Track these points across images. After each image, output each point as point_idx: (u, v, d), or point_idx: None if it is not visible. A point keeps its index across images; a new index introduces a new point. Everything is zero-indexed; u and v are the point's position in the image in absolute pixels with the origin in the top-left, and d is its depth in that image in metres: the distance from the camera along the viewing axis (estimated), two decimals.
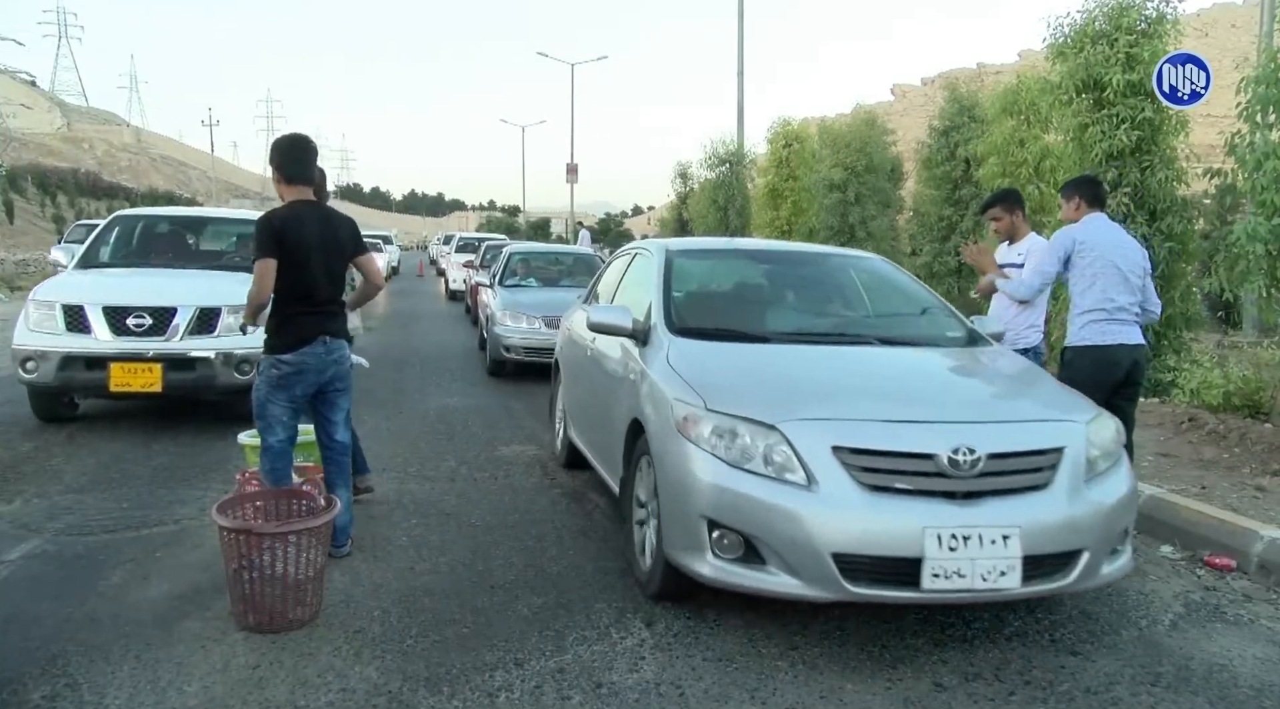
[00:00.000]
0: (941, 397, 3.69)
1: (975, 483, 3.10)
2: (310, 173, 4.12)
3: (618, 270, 5.77)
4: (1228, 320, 13.50)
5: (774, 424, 3.21)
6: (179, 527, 4.58)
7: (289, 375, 3.95)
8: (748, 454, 3.20)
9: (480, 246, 18.88)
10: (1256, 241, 6.02)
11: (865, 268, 5.20)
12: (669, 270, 4.69)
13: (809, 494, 3.07)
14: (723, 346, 4.00)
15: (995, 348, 4.42)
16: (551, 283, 11.47)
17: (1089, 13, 8.23)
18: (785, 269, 5.25)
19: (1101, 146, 7.87)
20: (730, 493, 3.16)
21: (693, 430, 3.34)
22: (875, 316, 4.88)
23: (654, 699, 2.99)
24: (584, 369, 5.37)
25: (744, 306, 4.85)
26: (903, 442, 3.16)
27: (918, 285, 5.08)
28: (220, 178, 77.70)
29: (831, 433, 3.17)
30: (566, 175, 36.87)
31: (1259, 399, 6.64)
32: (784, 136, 19.55)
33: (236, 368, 6.44)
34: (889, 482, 3.09)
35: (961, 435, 3.16)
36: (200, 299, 6.54)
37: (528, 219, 68.09)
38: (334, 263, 4.10)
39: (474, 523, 4.78)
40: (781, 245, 6.57)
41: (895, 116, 44.04)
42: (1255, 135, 6.30)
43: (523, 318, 9.55)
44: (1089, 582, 3.29)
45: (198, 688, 2.98)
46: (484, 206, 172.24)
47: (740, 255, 5.57)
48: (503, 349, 9.52)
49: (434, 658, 3.24)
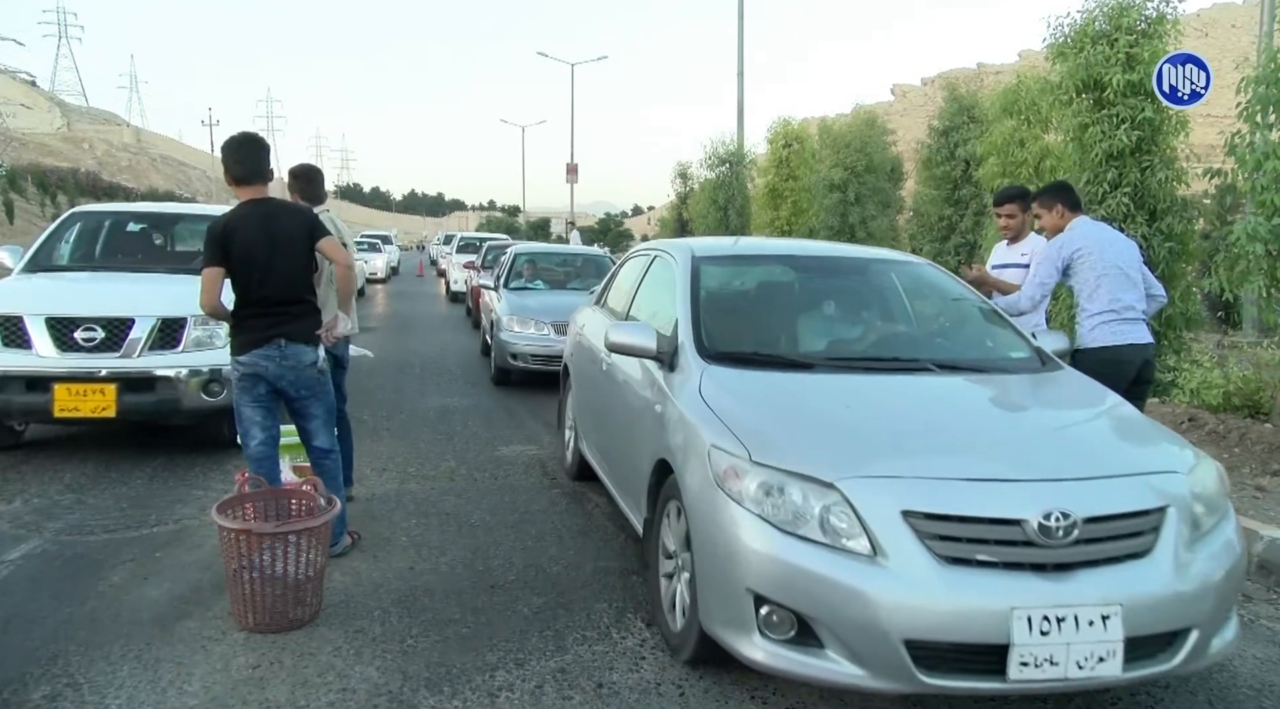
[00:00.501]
0: (1025, 445, 3.10)
1: (1069, 552, 2.64)
2: (259, 171, 3.97)
3: (634, 272, 5.24)
4: (1228, 320, 13.50)
5: (832, 482, 2.73)
6: (179, 527, 4.58)
7: (246, 377, 3.93)
8: (801, 517, 2.72)
9: (482, 247, 18.01)
10: (1256, 241, 6.02)
11: (910, 274, 4.62)
12: (697, 281, 4.14)
13: (875, 568, 2.60)
14: (762, 376, 3.49)
15: (1066, 372, 3.90)
16: (560, 285, 10.88)
17: (1089, 13, 8.22)
18: (825, 278, 4.63)
19: (1101, 147, 7.86)
20: (781, 564, 2.68)
21: (735, 486, 2.86)
22: (927, 334, 4.36)
23: (654, 699, 3.00)
24: (598, 383, 4.87)
25: (782, 324, 4.27)
26: (986, 505, 2.69)
27: (970, 294, 4.49)
28: (220, 178, 77.67)
29: (901, 494, 2.70)
30: (566, 175, 36.87)
31: (1259, 399, 6.64)
32: (784, 136, 19.53)
33: (205, 388, 5.62)
34: (969, 552, 2.62)
35: (1053, 496, 2.70)
36: (163, 308, 5.69)
37: (528, 219, 68.09)
38: (287, 259, 3.95)
39: (474, 523, 4.78)
40: (817, 248, 5.59)
41: (895, 116, 44.05)
42: (1255, 135, 6.29)
43: (531, 324, 8.92)
44: (1197, 663, 2.81)
45: (198, 688, 2.98)
46: (484, 206, 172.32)
47: (774, 261, 4.92)
48: (509, 357, 8.88)
49: (434, 658, 3.24)
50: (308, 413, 4.10)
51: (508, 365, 8.98)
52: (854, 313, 4.42)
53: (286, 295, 3.96)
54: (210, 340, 5.72)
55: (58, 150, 62.52)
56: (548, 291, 10.46)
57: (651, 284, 4.80)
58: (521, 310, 9.17)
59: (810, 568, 2.66)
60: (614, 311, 5.25)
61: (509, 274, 10.81)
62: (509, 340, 8.92)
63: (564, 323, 7.44)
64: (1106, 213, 7.78)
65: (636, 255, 5.51)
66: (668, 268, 4.51)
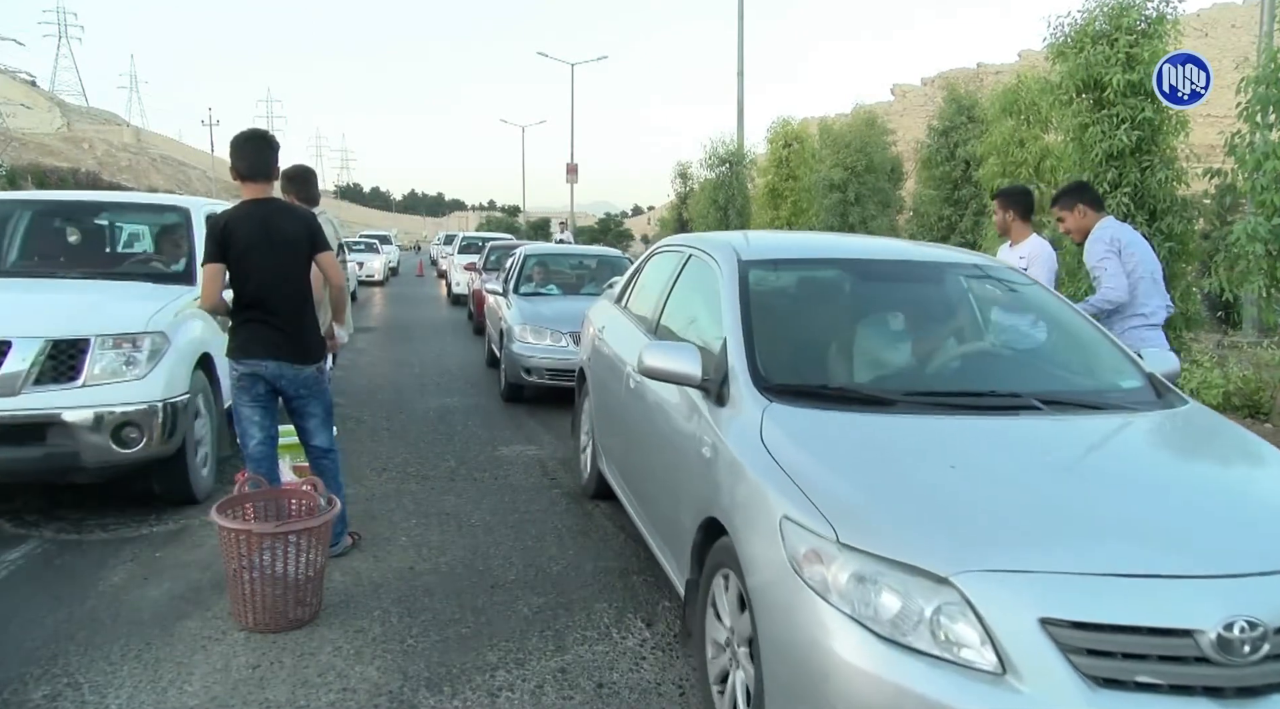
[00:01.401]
0: (1187, 523, 2.39)
1: (1256, 673, 2.03)
2: (265, 168, 3.91)
3: (662, 273, 4.52)
4: (1228, 320, 13.50)
5: (948, 577, 2.10)
6: (179, 527, 4.58)
7: (245, 376, 3.91)
8: (906, 620, 2.10)
9: (485, 247, 16.71)
10: (1256, 241, 6.03)
11: (986, 277, 3.89)
12: (746, 291, 3.41)
13: (1005, 692, 2.00)
14: (837, 419, 2.80)
15: (1195, 409, 3.18)
16: (574, 290, 9.82)
17: (1089, 13, 8.23)
18: (896, 286, 3.86)
19: (1102, 147, 7.87)
20: (881, 683, 2.07)
21: (818, 574, 2.22)
22: (1019, 356, 3.61)
23: (654, 699, 3.00)
24: (624, 401, 4.25)
25: (851, 346, 3.45)
26: (1149, 610, 2.06)
27: (1059, 302, 3.77)
28: (220, 178, 77.70)
29: (1039, 594, 2.08)
30: (566, 175, 36.85)
31: (1259, 399, 6.65)
32: (784, 136, 19.55)
33: (117, 435, 4.25)
34: (1127, 673, 2.02)
35: (1235, 598, 2.08)
36: (55, 327, 4.28)
37: (528, 219, 68.07)
38: (286, 263, 3.87)
39: (474, 523, 4.78)
40: (882, 247, 4.52)
41: (895, 116, 44.07)
42: (1255, 135, 6.30)
43: (546, 333, 7.96)
44: None
45: (198, 688, 2.98)
46: (484, 206, 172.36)
47: (836, 266, 4.00)
48: (522, 371, 7.93)
49: (435, 658, 3.24)
50: (306, 412, 4.08)
51: (521, 381, 8.01)
52: (936, 334, 3.63)
53: (289, 301, 3.90)
54: (124, 368, 4.36)
55: (58, 150, 62.52)
56: (562, 297, 9.46)
57: (686, 290, 4.13)
58: (536, 319, 8.20)
59: (920, 691, 2.04)
60: (640, 318, 4.55)
61: (519, 278, 9.78)
62: (523, 353, 7.95)
63: None
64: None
65: (665, 252, 4.79)
66: (706, 272, 3.80)
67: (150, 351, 4.46)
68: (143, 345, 4.45)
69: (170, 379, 4.51)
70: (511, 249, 13.23)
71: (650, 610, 3.69)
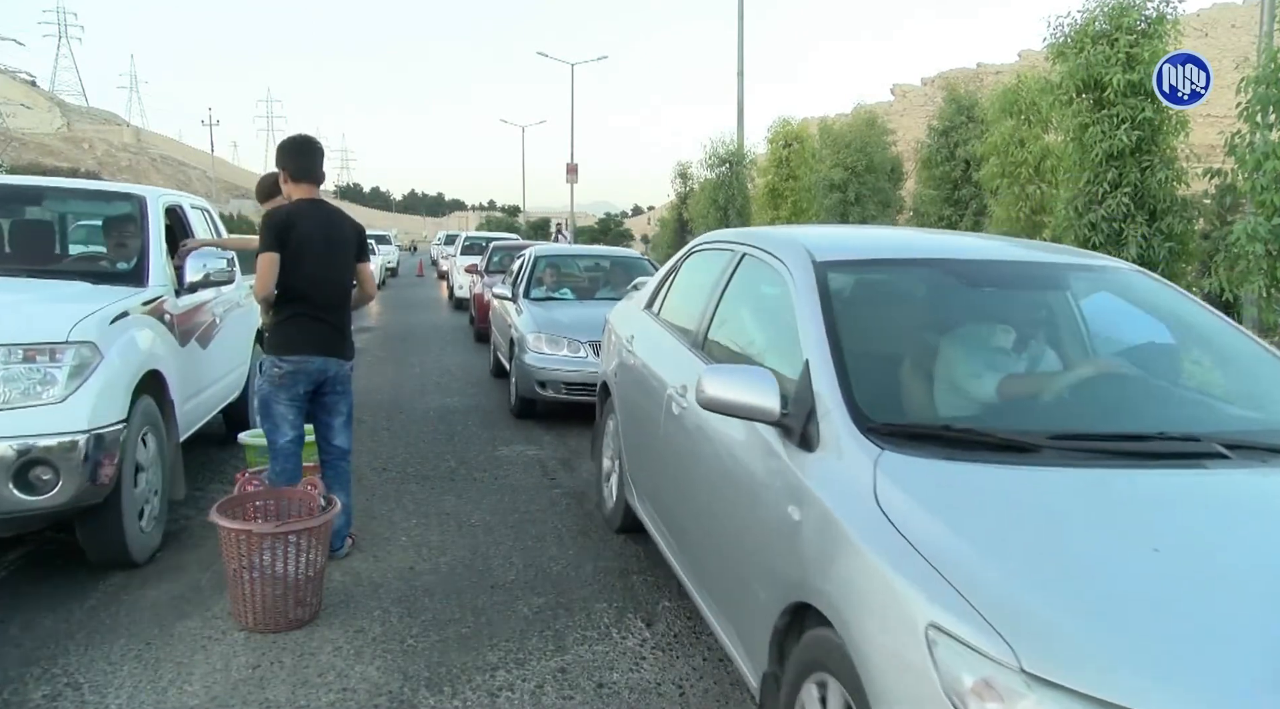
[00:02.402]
0: None
1: None
2: (315, 171, 4.09)
3: (707, 276, 3.79)
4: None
5: None
6: (179, 526, 4.58)
7: (289, 374, 3.93)
8: None
9: (488, 247, 15.39)
10: (1256, 241, 6.03)
11: (1120, 284, 3.22)
12: (828, 301, 2.72)
13: None
14: (976, 475, 2.08)
15: None
16: (590, 295, 9.03)
17: (1089, 13, 8.24)
18: (1013, 296, 3.15)
19: (1102, 147, 7.87)
20: None
21: None
22: (1179, 383, 2.83)
23: (654, 699, 3.00)
24: (665, 427, 3.54)
25: (971, 373, 2.66)
26: None
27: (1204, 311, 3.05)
28: (220, 178, 77.76)
29: None
30: (566, 175, 36.83)
31: None
32: (784, 136, 19.54)
33: (21, 476, 3.34)
34: None
35: None
36: None
37: (527, 219, 68.09)
38: (337, 263, 4.05)
39: (474, 523, 4.78)
40: (978, 246, 3.60)
41: (895, 116, 44.05)
42: (1255, 135, 6.30)
43: (563, 343, 7.25)
44: None
45: (198, 688, 2.98)
46: (484, 206, 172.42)
47: (936, 267, 3.14)
48: (535, 385, 7.18)
49: (435, 658, 3.24)
50: (335, 409, 4.14)
51: (534, 395, 7.27)
52: (1060, 349, 2.99)
53: (335, 298, 4.06)
54: (37, 390, 3.43)
55: (58, 150, 62.51)
56: (578, 303, 8.68)
57: (741, 296, 3.48)
58: (551, 327, 7.46)
59: None
60: (680, 329, 3.84)
61: (529, 281, 8.92)
62: (536, 365, 7.20)
63: None
64: (1106, 212, 7.80)
65: (707, 250, 4.10)
66: (770, 276, 3.15)
67: (73, 367, 3.50)
68: (62, 359, 3.48)
69: (99, 404, 3.54)
70: (516, 250, 12.36)
71: (650, 610, 3.69)
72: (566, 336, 7.29)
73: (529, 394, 7.33)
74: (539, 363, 7.21)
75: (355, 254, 4.16)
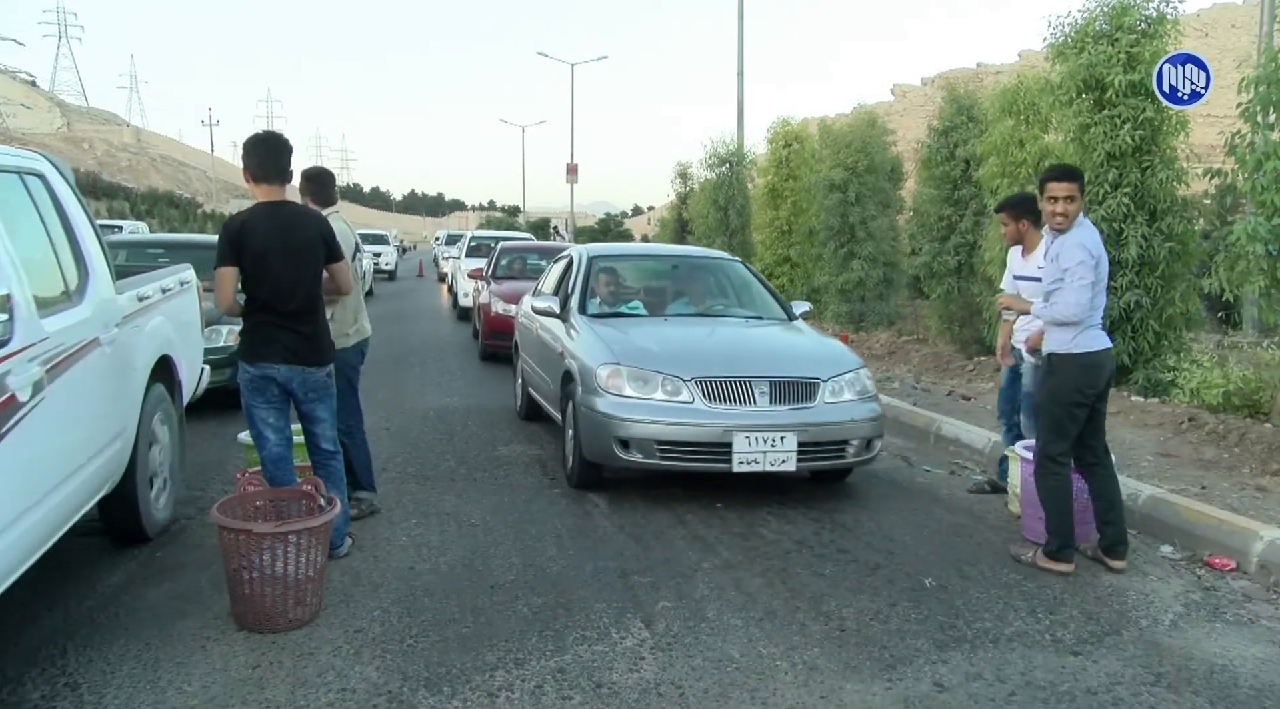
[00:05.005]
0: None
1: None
2: (279, 170, 3.92)
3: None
4: (1228, 320, 13.48)
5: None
6: (179, 527, 4.58)
7: (258, 379, 3.91)
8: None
9: (495, 248, 13.37)
10: (1256, 241, 6.01)
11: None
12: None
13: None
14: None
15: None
16: (663, 308, 6.56)
17: (1089, 13, 8.22)
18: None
19: (1104, 147, 7.86)
20: None
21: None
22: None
23: (654, 699, 2.99)
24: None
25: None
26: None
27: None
28: (220, 178, 77.71)
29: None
30: (566, 175, 36.84)
31: (1259, 399, 6.64)
32: (784, 136, 19.52)
33: None
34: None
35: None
36: None
37: (527, 219, 68.04)
38: (303, 269, 3.90)
39: (474, 523, 4.78)
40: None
41: (895, 116, 44.04)
42: (1255, 135, 6.29)
43: (658, 381, 5.07)
44: None
45: (197, 688, 2.98)
46: (484, 206, 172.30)
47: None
48: (614, 445, 5.01)
49: (434, 658, 3.24)
50: (315, 416, 4.10)
51: (612, 460, 5.10)
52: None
53: (303, 303, 3.92)
54: None
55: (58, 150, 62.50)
56: (660, 321, 6.20)
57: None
58: (636, 358, 5.24)
59: None
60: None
61: (582, 291, 6.36)
62: (615, 415, 5.03)
63: (722, 379, 4.96)
64: (1106, 213, 7.79)
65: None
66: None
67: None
68: None
69: None
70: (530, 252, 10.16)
71: (650, 610, 3.69)
72: (660, 372, 5.10)
73: (601, 457, 5.15)
74: (619, 411, 5.02)
75: (325, 255, 3.99)
